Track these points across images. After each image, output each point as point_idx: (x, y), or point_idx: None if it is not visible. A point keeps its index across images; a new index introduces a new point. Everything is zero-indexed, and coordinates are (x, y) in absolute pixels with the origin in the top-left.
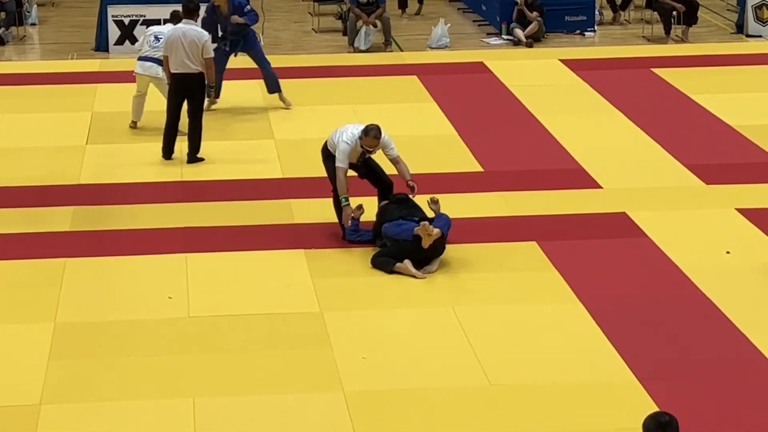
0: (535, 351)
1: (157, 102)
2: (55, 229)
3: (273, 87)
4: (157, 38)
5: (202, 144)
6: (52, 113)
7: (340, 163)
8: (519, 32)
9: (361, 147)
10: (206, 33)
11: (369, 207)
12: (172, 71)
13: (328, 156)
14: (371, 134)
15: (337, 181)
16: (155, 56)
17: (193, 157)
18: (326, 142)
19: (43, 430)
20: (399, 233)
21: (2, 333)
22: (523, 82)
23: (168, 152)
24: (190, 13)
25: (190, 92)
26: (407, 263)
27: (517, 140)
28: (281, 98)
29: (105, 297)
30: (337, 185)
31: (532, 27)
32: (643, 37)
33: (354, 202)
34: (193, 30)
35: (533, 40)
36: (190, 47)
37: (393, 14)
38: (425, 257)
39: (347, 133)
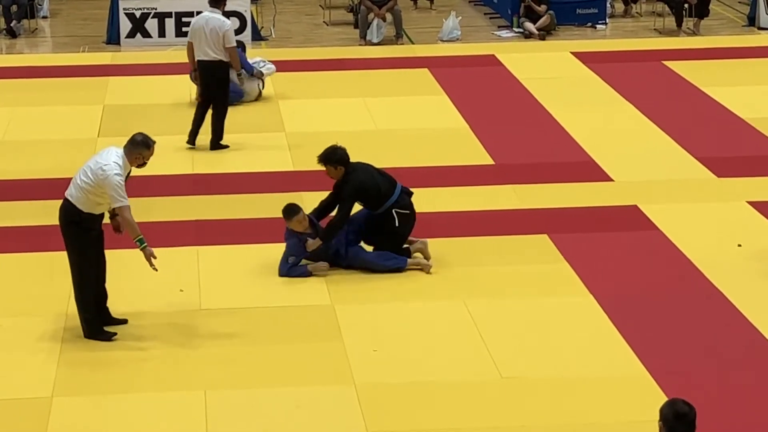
0: (546, 344)
1: (165, 96)
2: None
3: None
4: None
5: None
6: (63, 106)
7: (123, 200)
8: (529, 25)
9: (134, 162)
10: (228, 22)
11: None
12: (197, 59)
13: (72, 219)
14: (149, 142)
15: (128, 223)
16: None
17: (216, 144)
18: (64, 206)
19: (55, 423)
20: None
21: (14, 325)
22: (534, 75)
23: (192, 138)
24: (216, 3)
25: (212, 79)
26: (419, 255)
27: (528, 133)
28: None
29: (116, 289)
30: (128, 228)
31: (543, 20)
32: (654, 29)
33: None
34: (216, 19)
35: (545, 32)
36: (211, 35)
37: (405, 7)
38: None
39: (109, 165)
